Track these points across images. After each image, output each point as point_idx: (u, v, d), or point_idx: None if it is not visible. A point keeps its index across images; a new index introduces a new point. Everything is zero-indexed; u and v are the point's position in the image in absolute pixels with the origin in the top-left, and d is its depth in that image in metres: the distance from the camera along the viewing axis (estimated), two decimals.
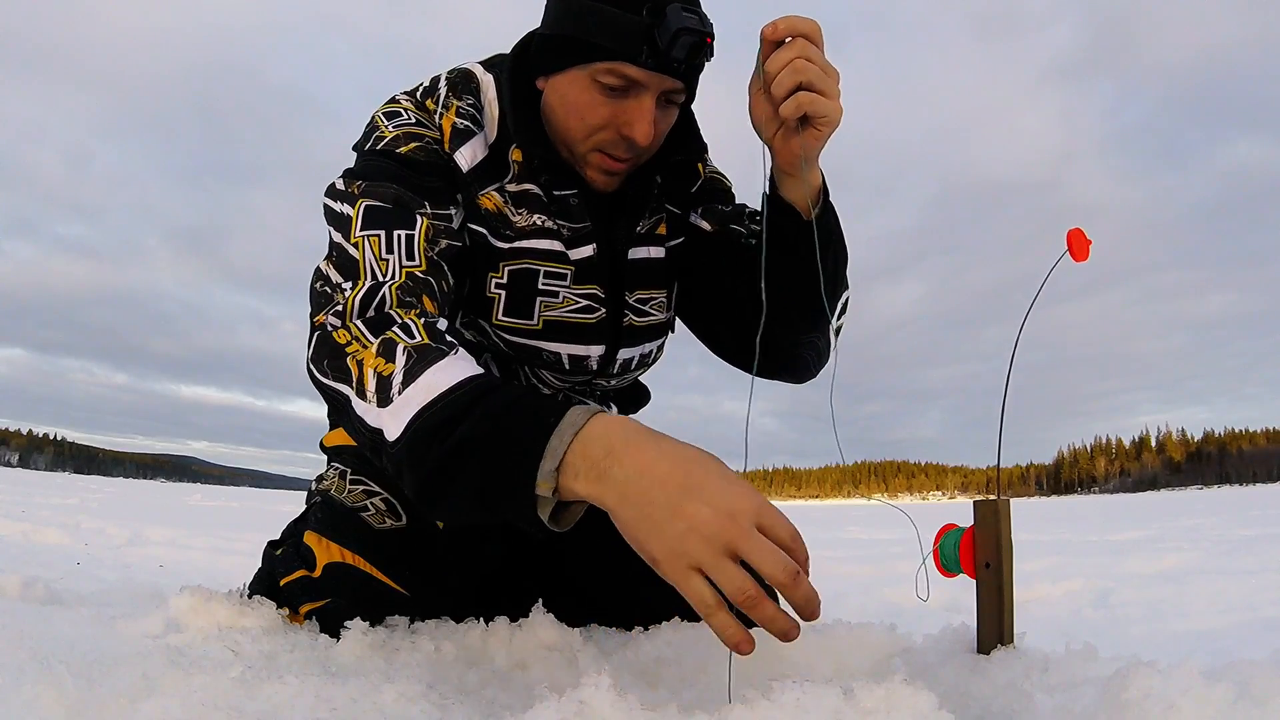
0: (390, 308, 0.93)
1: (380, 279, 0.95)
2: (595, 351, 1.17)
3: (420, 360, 0.84)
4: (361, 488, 1.12)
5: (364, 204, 1.01)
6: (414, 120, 1.08)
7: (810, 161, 1.01)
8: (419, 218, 1.01)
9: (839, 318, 1.15)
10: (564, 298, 1.13)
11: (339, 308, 0.94)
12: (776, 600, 0.72)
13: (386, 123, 1.08)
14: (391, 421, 0.82)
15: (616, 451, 0.72)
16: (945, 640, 0.98)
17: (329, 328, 0.93)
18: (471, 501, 0.79)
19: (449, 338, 0.90)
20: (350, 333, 0.90)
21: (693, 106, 1.18)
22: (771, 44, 0.93)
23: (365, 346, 0.88)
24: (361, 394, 0.86)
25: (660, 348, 1.28)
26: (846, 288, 1.15)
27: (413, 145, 1.06)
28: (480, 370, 0.85)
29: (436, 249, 1.01)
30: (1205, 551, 3.55)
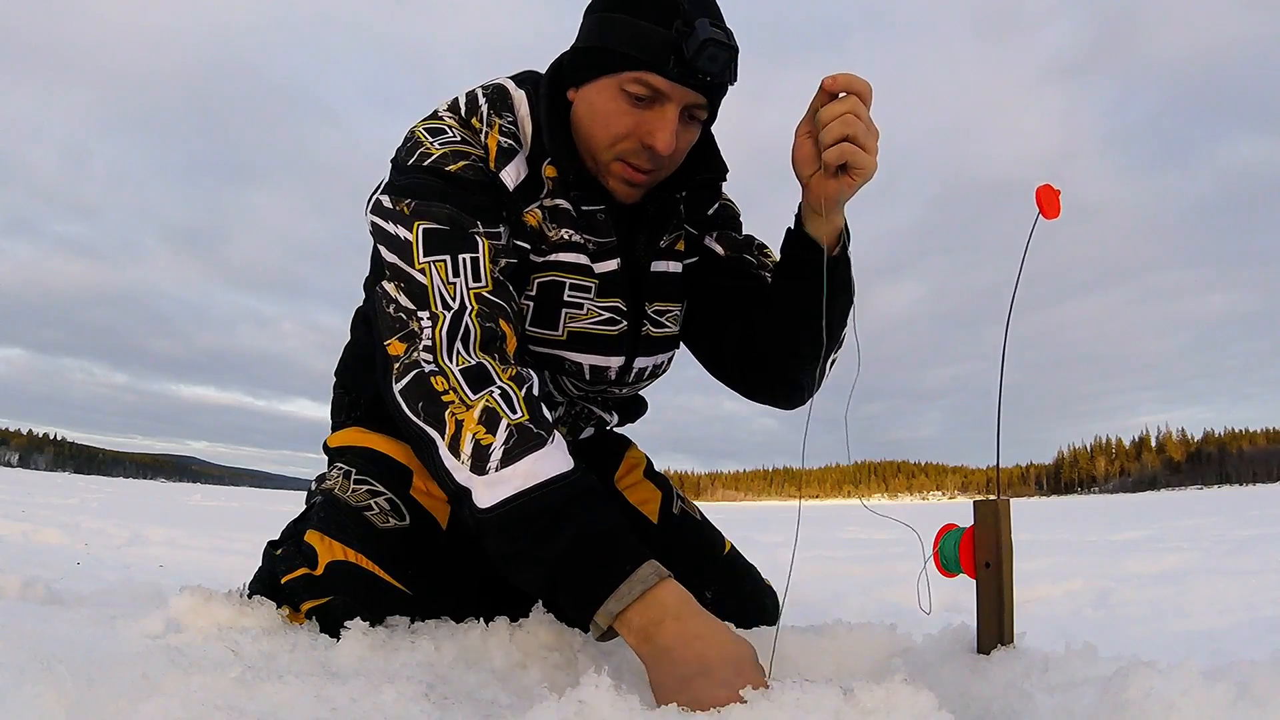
0: (475, 345, 0.99)
1: (455, 307, 1.00)
2: (615, 362, 1.21)
3: (521, 442, 0.92)
4: (366, 488, 1.12)
5: (421, 226, 1.03)
6: (459, 138, 1.09)
7: (838, 205, 1.06)
8: (478, 239, 1.04)
9: (836, 351, 1.19)
10: (588, 309, 1.16)
11: (427, 343, 0.99)
12: None
13: (431, 139, 1.09)
14: (485, 491, 0.92)
15: (667, 623, 0.84)
16: (945, 640, 0.98)
17: (424, 367, 0.98)
18: (540, 591, 0.95)
19: (546, 415, 0.97)
20: (448, 381, 0.97)
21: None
22: (828, 95, 0.99)
23: (466, 406, 0.95)
24: (454, 451, 0.94)
25: (670, 359, 1.32)
26: (844, 327, 1.18)
27: (461, 164, 1.07)
28: (572, 464, 0.94)
29: (498, 267, 1.06)
30: (1205, 551, 3.55)
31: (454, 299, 1.00)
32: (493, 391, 0.95)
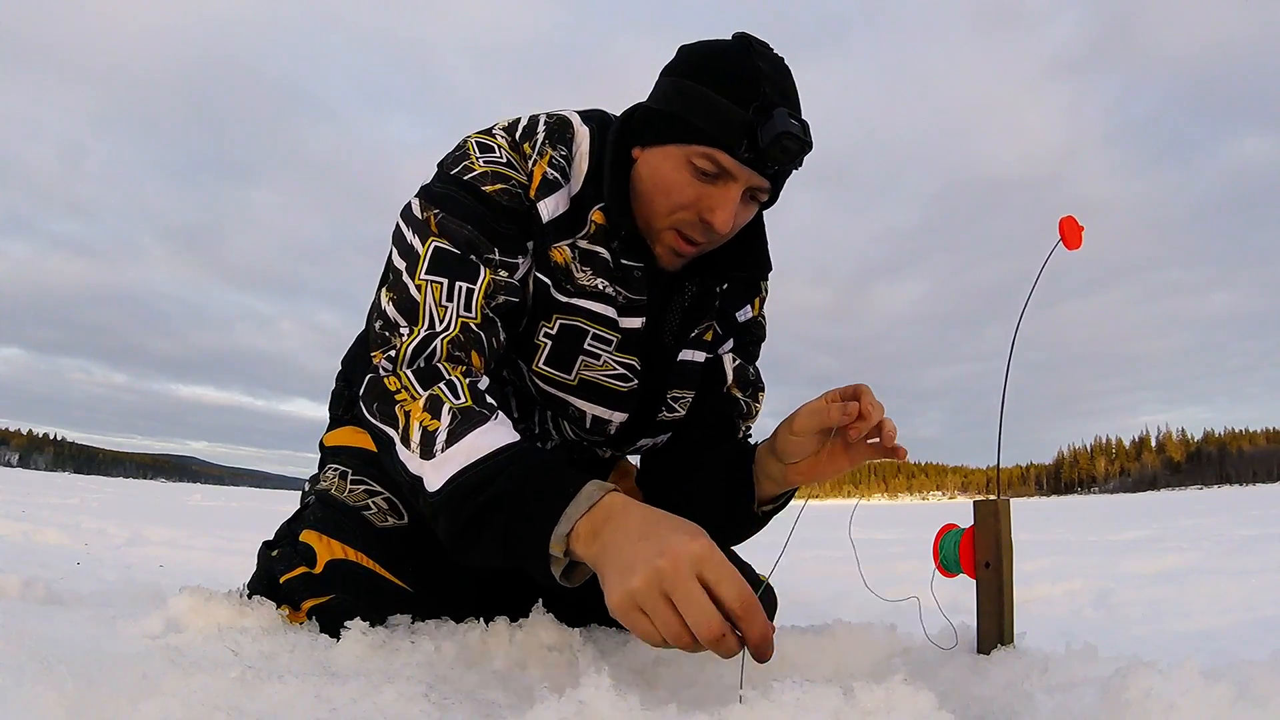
0: (439, 360, 0.99)
1: (436, 328, 1.00)
2: (618, 417, 1.21)
3: (464, 422, 0.92)
4: (363, 487, 1.12)
5: (434, 244, 1.04)
6: (505, 159, 1.09)
7: (831, 478, 1.08)
8: (483, 270, 1.05)
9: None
10: (604, 361, 1.16)
11: (392, 353, 1.00)
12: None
13: (478, 154, 1.10)
14: (433, 474, 0.91)
15: (614, 517, 0.81)
16: (945, 640, 0.98)
17: (381, 371, 1.00)
18: (496, 552, 0.89)
19: (490, 400, 0.96)
20: (400, 380, 0.97)
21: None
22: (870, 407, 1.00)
23: (414, 398, 0.95)
24: (406, 442, 0.93)
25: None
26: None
27: (498, 186, 1.07)
28: (517, 437, 0.93)
29: (493, 304, 1.06)
30: (1205, 551, 3.55)
31: (441, 321, 1.01)
32: (439, 384, 0.96)
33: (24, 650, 0.83)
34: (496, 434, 0.92)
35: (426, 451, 0.91)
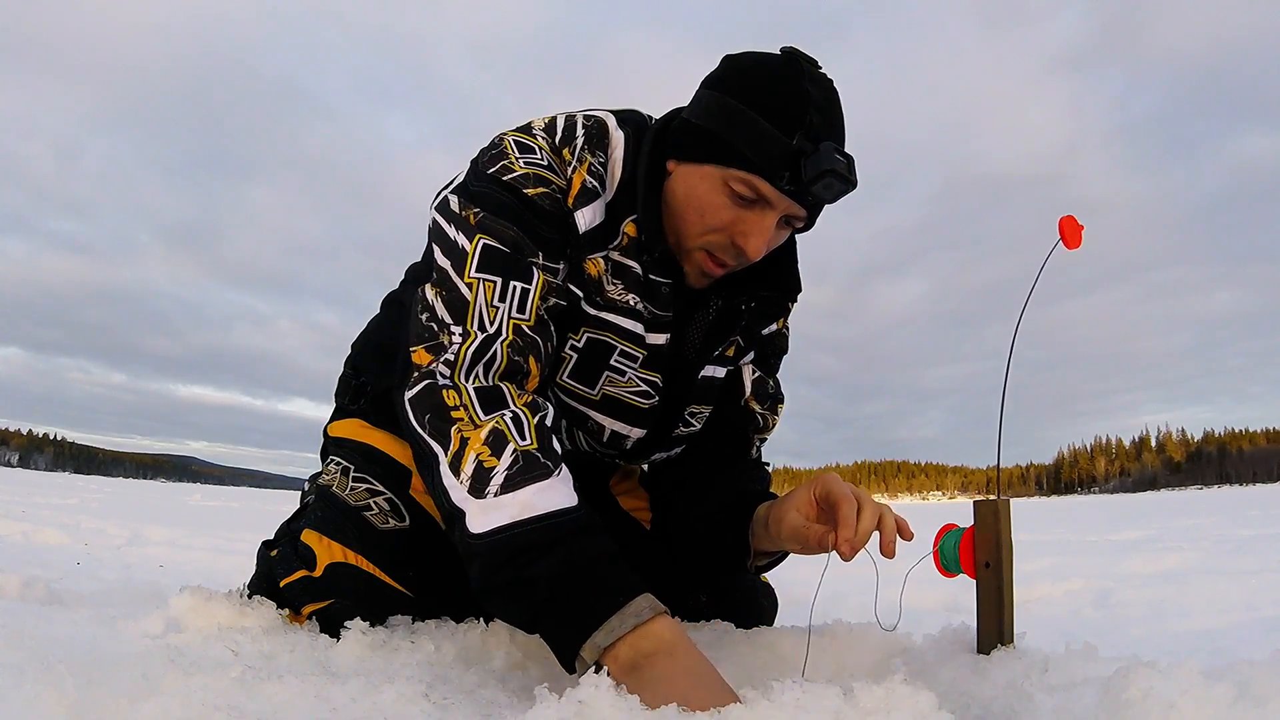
0: (500, 372, 0.96)
1: (490, 331, 0.97)
2: (636, 433, 1.20)
3: (525, 470, 0.88)
4: (365, 486, 1.11)
5: (482, 241, 1.00)
6: (546, 163, 1.05)
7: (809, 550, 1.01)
8: (535, 271, 1.01)
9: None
10: (629, 378, 1.14)
11: (449, 357, 0.96)
12: None
13: (517, 154, 1.05)
14: (479, 515, 0.87)
15: (659, 658, 0.78)
16: (945, 640, 0.98)
17: (439, 379, 0.95)
18: (523, 625, 0.87)
19: (555, 447, 0.93)
20: (460, 397, 0.93)
21: None
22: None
23: (475, 425, 0.91)
24: (455, 470, 0.89)
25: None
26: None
27: (540, 190, 1.03)
28: (575, 500, 0.89)
29: (546, 305, 1.03)
30: (1205, 551, 3.55)
31: (492, 323, 0.98)
32: (504, 415, 0.92)
33: (24, 650, 0.83)
34: (556, 494, 0.88)
35: (477, 490, 0.87)
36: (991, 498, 0.93)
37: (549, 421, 0.96)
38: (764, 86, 0.98)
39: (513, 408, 0.93)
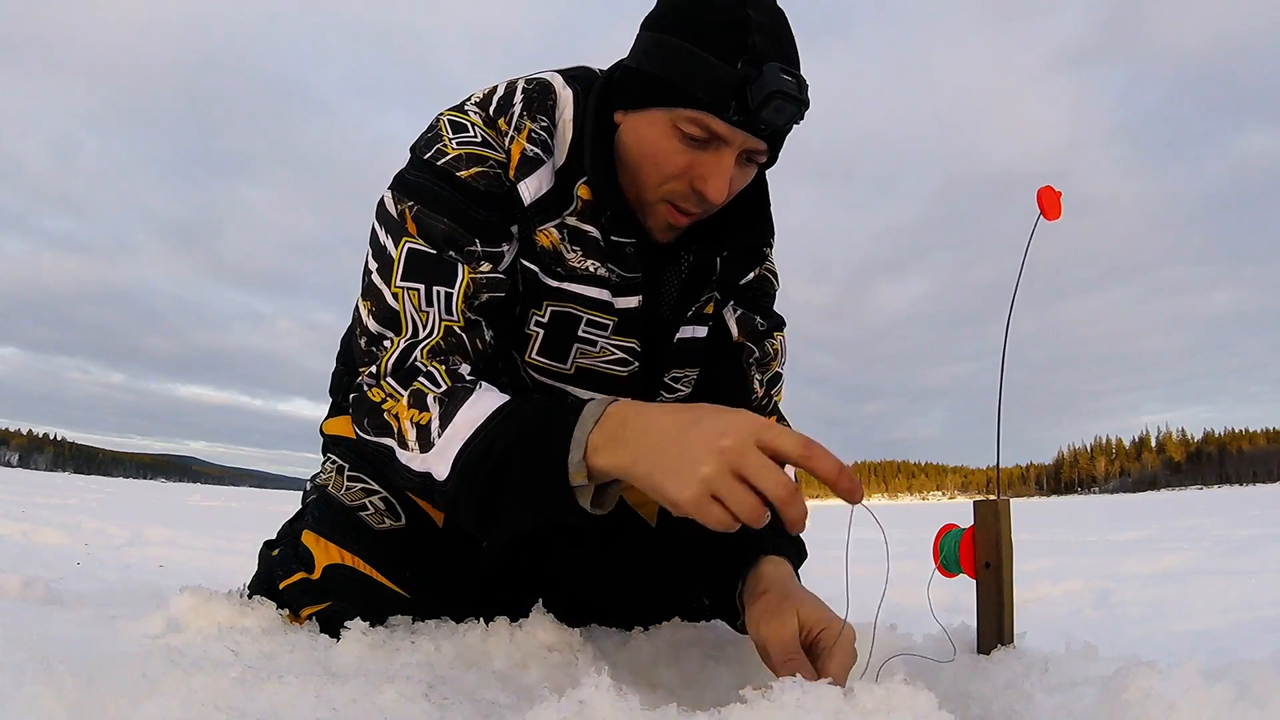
0: (418, 363, 0.96)
1: (417, 336, 0.97)
2: None
3: (452, 402, 0.89)
4: (360, 485, 1.10)
5: (408, 246, 0.98)
6: (480, 139, 1.01)
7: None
8: (460, 269, 0.99)
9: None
10: (601, 347, 1.10)
11: (374, 367, 0.98)
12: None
13: (451, 135, 1.02)
14: (438, 463, 0.88)
15: (629, 420, 0.78)
16: (945, 640, 0.98)
17: (364, 387, 0.98)
18: (523, 511, 0.86)
19: (469, 377, 0.94)
20: (384, 390, 0.95)
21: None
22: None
23: (398, 400, 0.93)
24: (404, 445, 0.91)
25: None
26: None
27: (474, 170, 1.00)
28: (506, 398, 0.90)
29: (476, 303, 1.00)
30: (1205, 551, 3.55)
31: (424, 326, 0.97)
32: (418, 378, 0.94)
33: (24, 650, 0.84)
34: (486, 402, 0.89)
35: (425, 445, 0.89)
36: (991, 498, 0.93)
37: (464, 370, 0.96)
38: (701, 18, 0.92)
39: (425, 370, 0.94)
